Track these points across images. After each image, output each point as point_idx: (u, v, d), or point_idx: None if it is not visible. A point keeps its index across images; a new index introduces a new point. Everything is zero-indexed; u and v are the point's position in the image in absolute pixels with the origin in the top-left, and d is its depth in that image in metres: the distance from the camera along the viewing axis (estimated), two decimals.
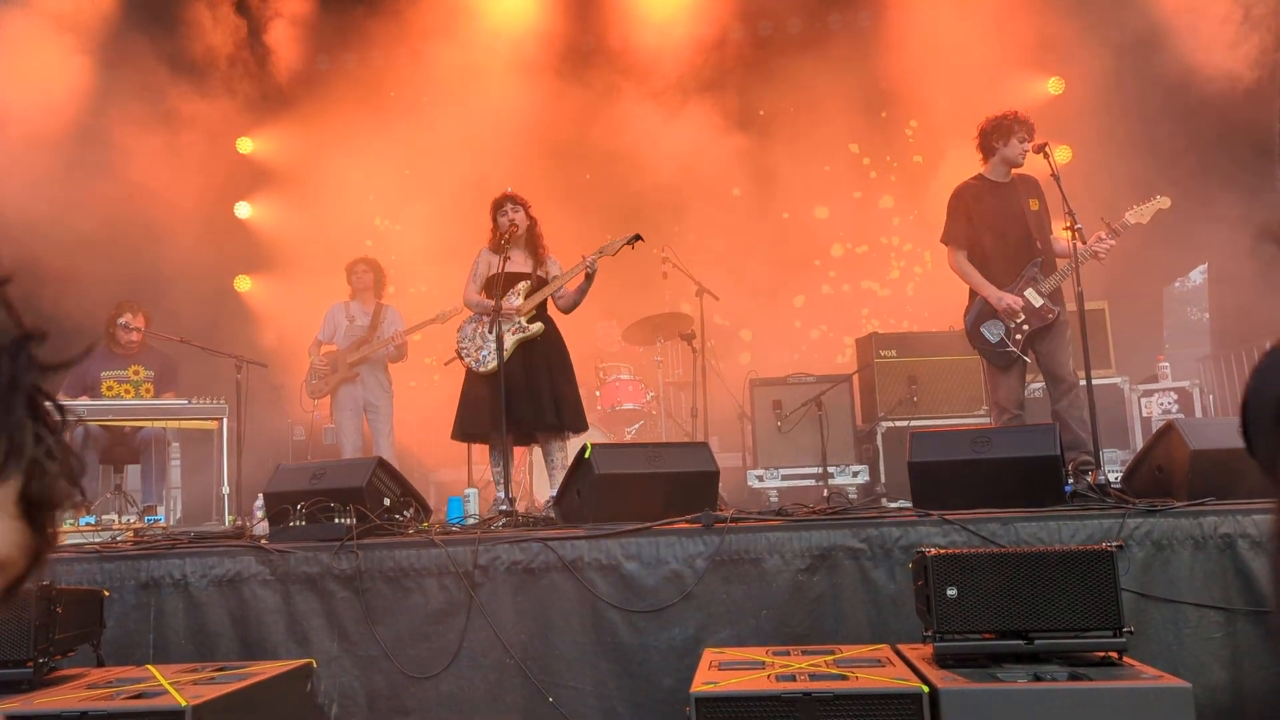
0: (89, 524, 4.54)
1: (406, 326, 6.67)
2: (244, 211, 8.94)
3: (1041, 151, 4.85)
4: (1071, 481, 4.07)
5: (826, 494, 5.80)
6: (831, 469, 6.43)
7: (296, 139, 8.72)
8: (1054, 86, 8.06)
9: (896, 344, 6.74)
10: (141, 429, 6.12)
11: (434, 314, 6.47)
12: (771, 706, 2.52)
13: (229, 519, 5.54)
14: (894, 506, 5.33)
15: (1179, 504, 3.56)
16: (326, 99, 8.50)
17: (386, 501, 4.19)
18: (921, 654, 2.93)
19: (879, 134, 8.76)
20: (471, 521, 4.51)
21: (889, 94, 8.58)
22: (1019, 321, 5.08)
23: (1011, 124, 5.17)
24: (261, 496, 4.52)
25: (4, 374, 0.74)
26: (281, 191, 8.86)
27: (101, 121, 7.28)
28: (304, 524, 4.02)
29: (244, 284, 8.91)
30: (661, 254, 6.84)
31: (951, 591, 2.79)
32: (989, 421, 5.93)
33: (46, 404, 0.78)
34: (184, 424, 5.90)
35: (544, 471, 5.71)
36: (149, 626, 3.75)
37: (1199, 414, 6.46)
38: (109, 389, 6.12)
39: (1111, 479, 4.17)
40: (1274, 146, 6.89)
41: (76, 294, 6.44)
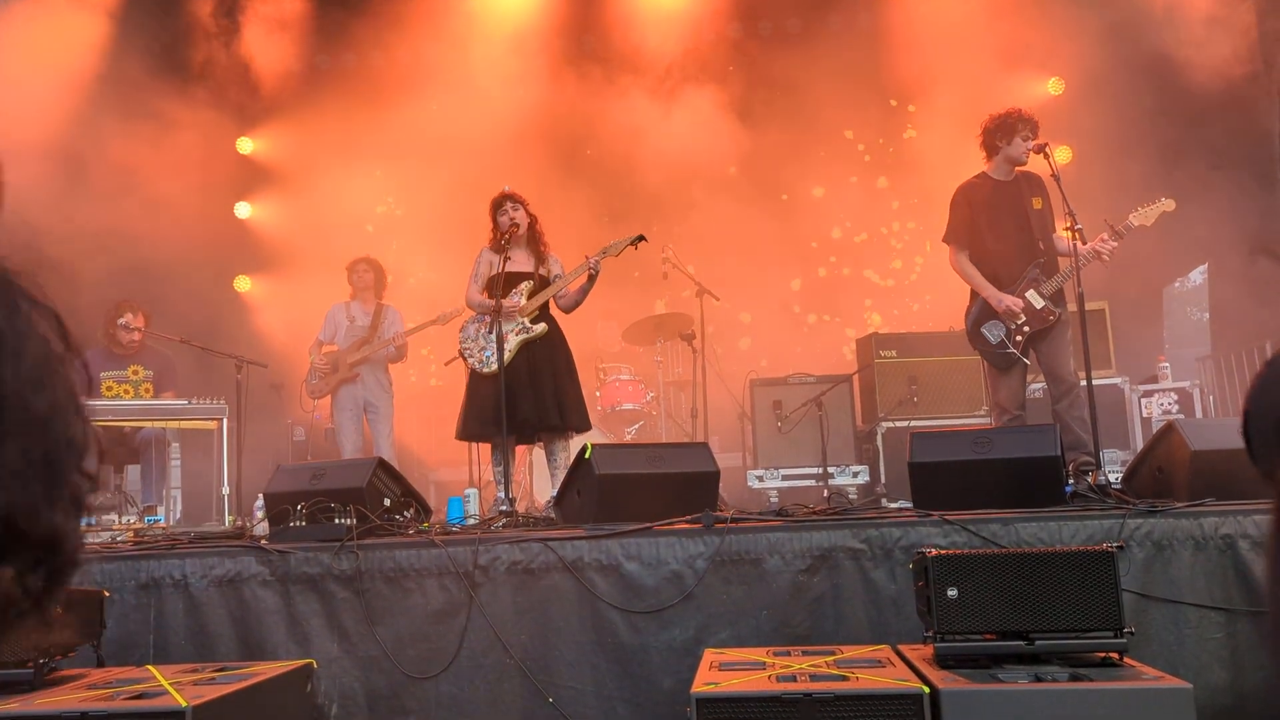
0: (89, 524, 4.54)
1: (407, 327, 6.67)
2: (244, 211, 8.93)
3: (1042, 152, 4.84)
4: (1072, 482, 4.07)
5: (827, 494, 5.79)
6: (832, 469, 6.42)
7: (296, 139, 8.71)
8: (1054, 87, 8.06)
9: (897, 344, 6.73)
10: (141, 429, 6.12)
11: (435, 315, 6.47)
12: (772, 707, 2.52)
13: (229, 519, 5.54)
14: (894, 507, 5.33)
15: (1179, 504, 3.56)
16: (326, 99, 8.49)
17: (387, 502, 4.19)
18: (922, 655, 2.93)
19: (878, 135, 8.76)
20: (472, 522, 4.51)
21: (889, 94, 8.59)
22: (1019, 323, 5.06)
23: (1015, 122, 5.11)
24: (262, 497, 4.52)
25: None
26: (281, 191, 8.86)
27: (101, 121, 7.27)
28: (304, 524, 4.02)
29: (244, 284, 8.90)
30: (662, 254, 6.85)
31: (952, 592, 2.80)
32: (989, 422, 5.94)
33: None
34: (184, 424, 5.89)
35: (544, 471, 5.70)
36: (149, 627, 3.75)
37: (1199, 414, 6.46)
38: (108, 389, 6.11)
39: (1112, 479, 4.17)
40: (1274, 146, 6.89)
41: (76, 294, 6.45)
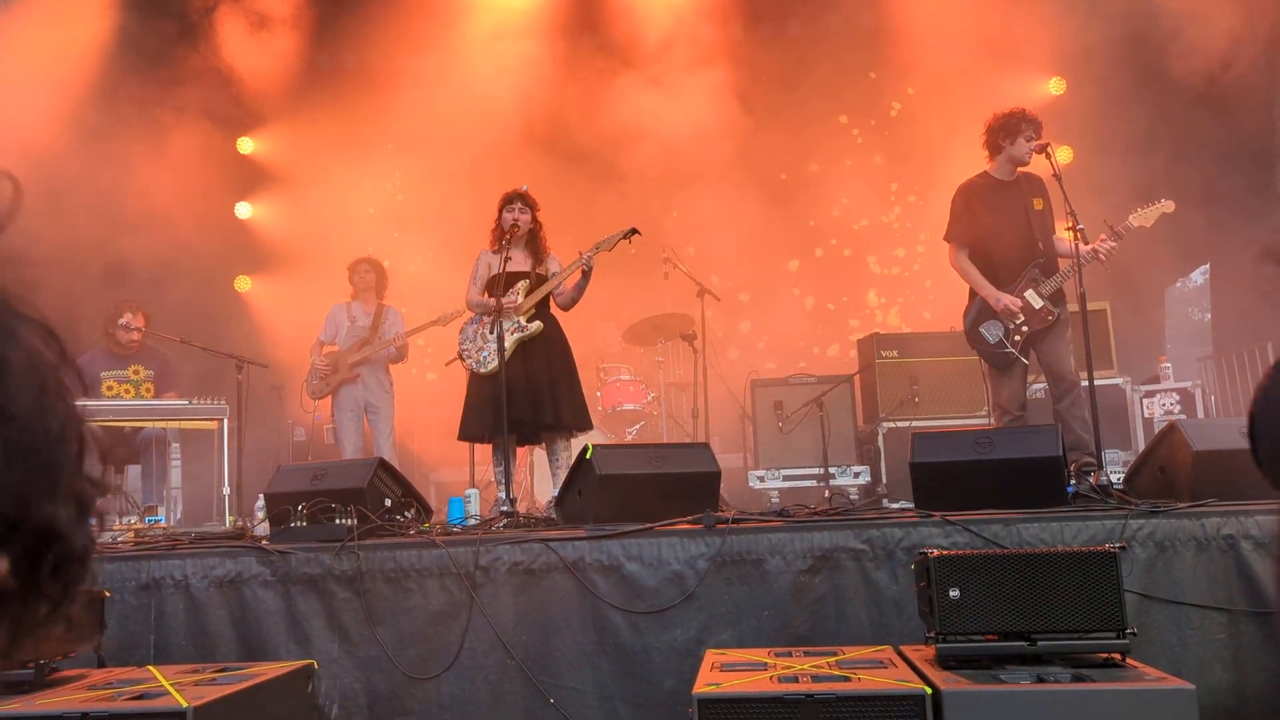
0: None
1: (407, 327, 6.67)
2: (244, 212, 8.93)
3: (1043, 152, 4.84)
4: (1074, 482, 4.07)
5: (828, 495, 5.79)
6: (833, 470, 6.42)
7: (296, 139, 8.71)
8: (1055, 87, 8.05)
9: (898, 345, 6.73)
10: (142, 429, 6.11)
11: (435, 315, 6.46)
12: (774, 708, 2.52)
13: (230, 520, 5.53)
14: (896, 507, 5.33)
15: (1182, 505, 3.56)
16: (326, 99, 8.49)
17: (387, 502, 4.19)
18: (924, 655, 2.92)
19: (878, 135, 8.75)
20: (472, 522, 4.50)
21: (889, 95, 8.58)
22: (1018, 323, 5.06)
23: (1019, 122, 5.09)
24: (262, 497, 4.52)
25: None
26: (282, 192, 8.86)
27: (101, 122, 7.28)
28: (305, 525, 4.02)
29: (244, 284, 8.90)
30: (663, 255, 6.86)
31: (954, 593, 2.79)
32: (990, 422, 5.93)
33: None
34: (184, 424, 5.89)
35: (545, 472, 5.70)
36: (150, 627, 3.75)
37: (1201, 415, 6.45)
38: (109, 389, 6.11)
39: (1114, 480, 4.17)
40: (1276, 146, 6.88)
41: (76, 294, 6.46)
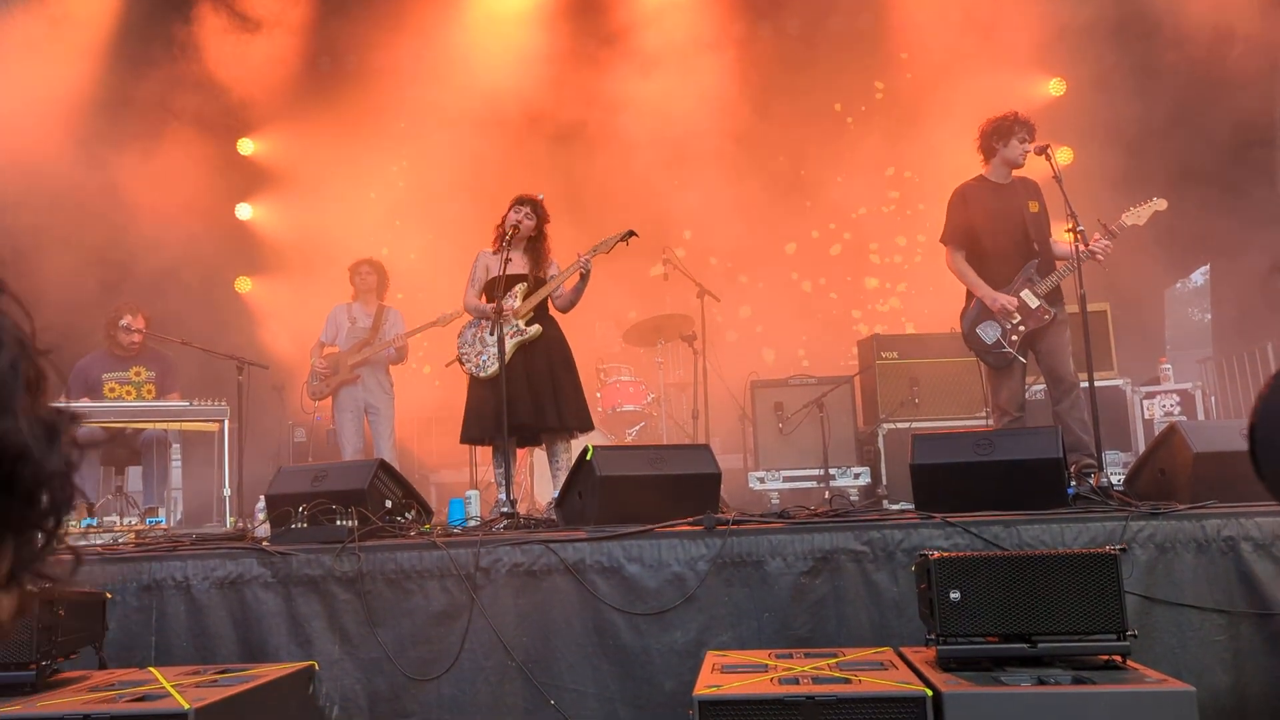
0: (90, 526, 4.54)
1: (408, 328, 6.67)
2: (245, 213, 8.94)
3: (1044, 153, 4.84)
4: (1074, 484, 4.07)
5: (828, 496, 5.79)
6: (833, 471, 6.42)
7: (297, 140, 8.72)
8: (1055, 88, 8.06)
9: (898, 346, 6.73)
10: (143, 430, 6.12)
11: (435, 317, 6.47)
12: (775, 710, 2.51)
13: (230, 521, 5.54)
14: (896, 509, 5.33)
15: (1182, 506, 3.56)
16: (327, 100, 8.50)
17: (388, 503, 4.19)
18: (924, 657, 2.92)
19: (877, 134, 8.75)
20: (473, 524, 4.50)
21: (888, 96, 8.58)
22: (1015, 322, 5.07)
23: (1011, 125, 5.15)
24: (263, 498, 4.52)
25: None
26: (282, 193, 8.86)
27: (101, 123, 7.28)
28: (306, 526, 4.02)
29: (245, 285, 8.91)
30: (663, 255, 6.88)
31: (954, 594, 2.79)
32: (990, 424, 5.93)
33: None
34: (185, 426, 5.89)
35: (545, 473, 5.69)
36: (151, 629, 3.75)
37: (1201, 416, 6.45)
38: (110, 390, 6.12)
39: (1114, 481, 4.17)
40: (1276, 146, 6.89)
41: (77, 296, 6.46)
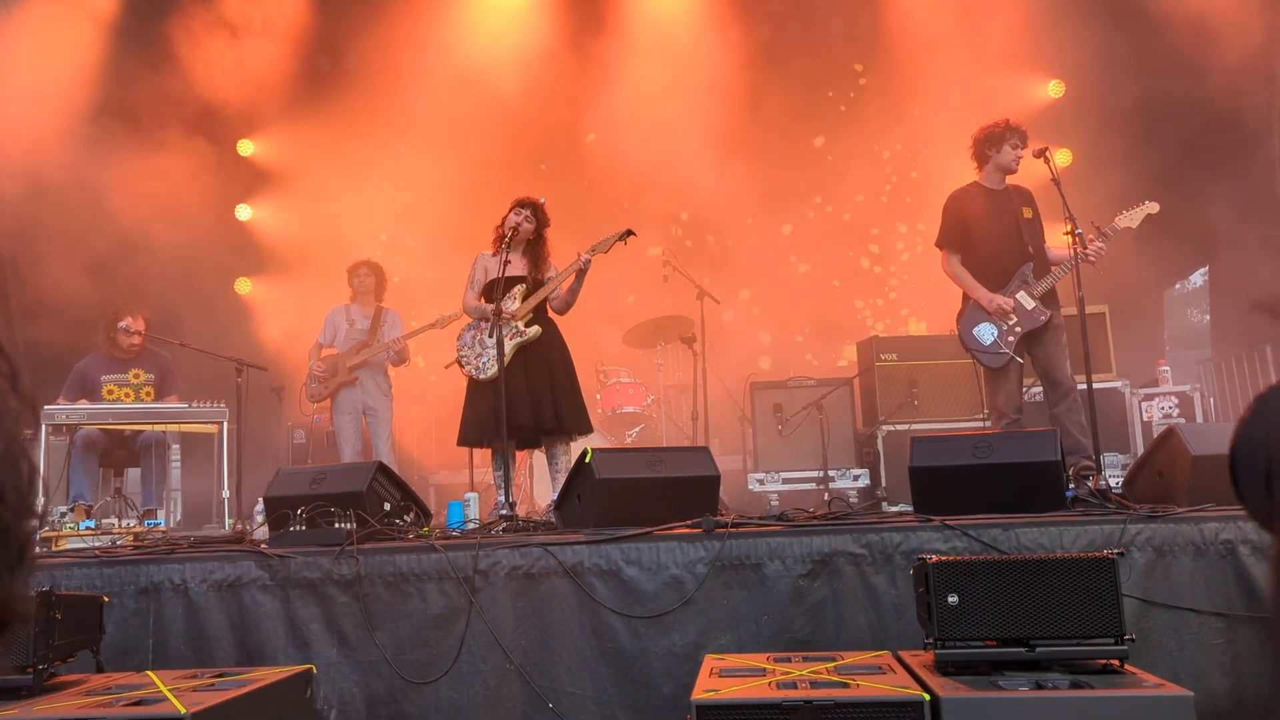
0: (88, 528, 4.53)
1: (406, 329, 6.67)
2: (244, 214, 8.94)
3: (1042, 156, 4.85)
4: (1072, 487, 4.07)
5: (827, 498, 5.79)
6: (832, 473, 6.42)
7: (297, 141, 8.72)
8: (1054, 90, 8.06)
9: (897, 348, 6.73)
10: (141, 432, 6.11)
11: (434, 318, 6.47)
12: (773, 714, 2.51)
13: (229, 523, 5.54)
14: (895, 511, 5.33)
15: (1180, 510, 3.55)
16: (327, 101, 8.50)
17: (387, 506, 4.19)
18: (923, 661, 2.92)
19: (877, 136, 8.75)
20: (472, 526, 4.50)
21: (890, 95, 8.58)
22: (1011, 323, 5.09)
23: (1003, 131, 5.23)
24: (261, 501, 4.51)
25: None
26: (282, 194, 8.86)
27: (102, 125, 7.28)
28: (304, 528, 4.01)
29: (244, 286, 8.91)
30: (663, 257, 6.88)
31: (953, 598, 2.79)
32: (989, 426, 5.93)
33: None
34: (184, 428, 5.89)
35: (544, 476, 5.69)
36: (148, 632, 3.74)
37: (1200, 418, 6.45)
38: (109, 393, 6.11)
39: (1112, 484, 4.17)
40: (1274, 148, 6.89)
41: (77, 297, 6.47)
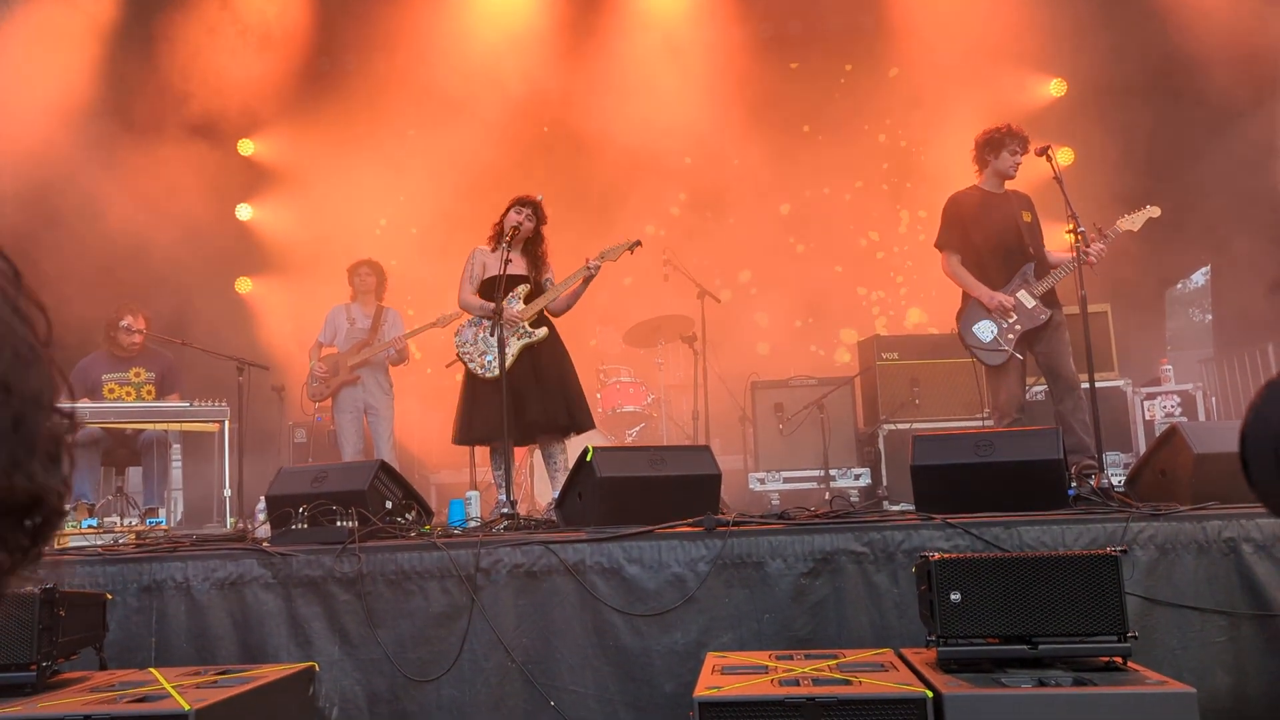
0: (91, 527, 4.53)
1: (407, 329, 6.67)
2: (245, 213, 8.94)
3: (1044, 154, 4.85)
4: (1075, 485, 4.07)
5: (829, 497, 5.79)
6: (833, 472, 6.42)
7: (298, 141, 8.72)
8: (1056, 88, 8.06)
9: (898, 347, 6.74)
10: (143, 431, 6.12)
11: (435, 317, 6.46)
12: (775, 711, 2.51)
13: (231, 522, 5.54)
14: (896, 510, 5.33)
15: (1183, 508, 3.55)
16: (327, 101, 8.51)
17: (388, 504, 4.19)
18: (925, 659, 2.92)
19: (879, 139, 8.75)
20: (473, 524, 4.50)
21: (890, 96, 8.58)
22: (1011, 321, 5.10)
23: (1003, 137, 5.23)
24: (263, 499, 4.52)
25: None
26: (283, 193, 8.87)
27: (102, 124, 7.28)
28: (306, 527, 4.02)
29: (245, 286, 8.91)
30: (663, 256, 6.88)
31: (955, 596, 2.79)
32: (991, 424, 5.93)
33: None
34: (185, 426, 5.89)
35: (545, 474, 5.68)
36: (151, 630, 3.74)
37: (1202, 417, 6.45)
38: (110, 391, 6.11)
39: (1115, 482, 4.17)
40: (1276, 148, 6.89)
41: (76, 296, 6.46)
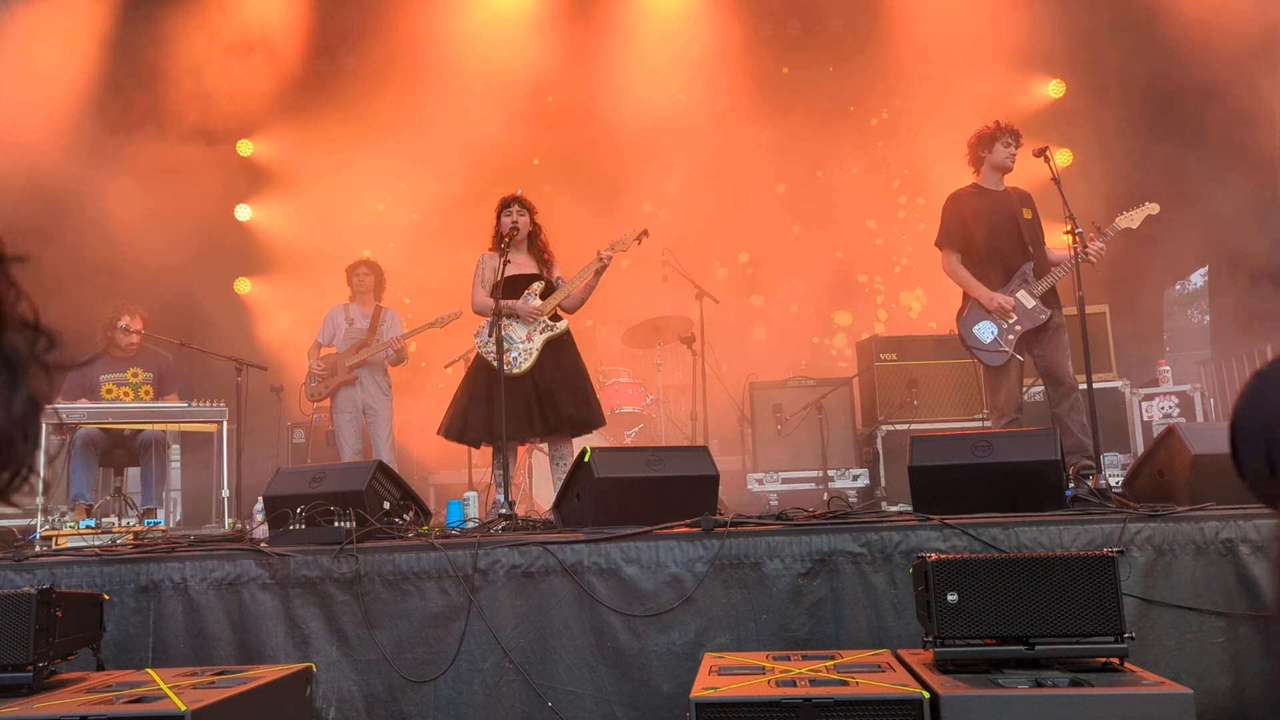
0: (89, 527, 4.53)
1: (406, 329, 6.67)
2: (244, 214, 8.94)
3: (1042, 155, 4.85)
4: (1072, 486, 4.07)
5: (826, 497, 5.79)
6: (831, 472, 6.42)
7: (296, 141, 8.73)
8: (1055, 90, 8.07)
9: (896, 347, 6.74)
10: (141, 431, 6.11)
11: (433, 318, 6.47)
12: (772, 712, 2.51)
13: (229, 522, 5.54)
14: (894, 510, 5.33)
15: (1180, 509, 3.56)
16: (326, 101, 8.51)
17: (386, 505, 4.18)
18: (922, 659, 2.92)
19: (880, 137, 8.75)
20: (471, 525, 4.50)
21: (889, 97, 8.58)
22: (1011, 322, 5.10)
23: (994, 131, 5.31)
24: (261, 500, 4.51)
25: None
26: (281, 194, 8.87)
27: (102, 125, 7.28)
28: (304, 527, 4.01)
29: (244, 286, 8.91)
30: (662, 256, 6.87)
31: (952, 597, 2.79)
32: (989, 425, 5.93)
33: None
34: (183, 427, 5.88)
35: (544, 475, 5.68)
36: (148, 630, 3.74)
37: (1200, 418, 6.46)
38: (108, 392, 6.11)
39: (1112, 483, 4.17)
40: (1276, 149, 6.89)
41: (76, 297, 6.45)
